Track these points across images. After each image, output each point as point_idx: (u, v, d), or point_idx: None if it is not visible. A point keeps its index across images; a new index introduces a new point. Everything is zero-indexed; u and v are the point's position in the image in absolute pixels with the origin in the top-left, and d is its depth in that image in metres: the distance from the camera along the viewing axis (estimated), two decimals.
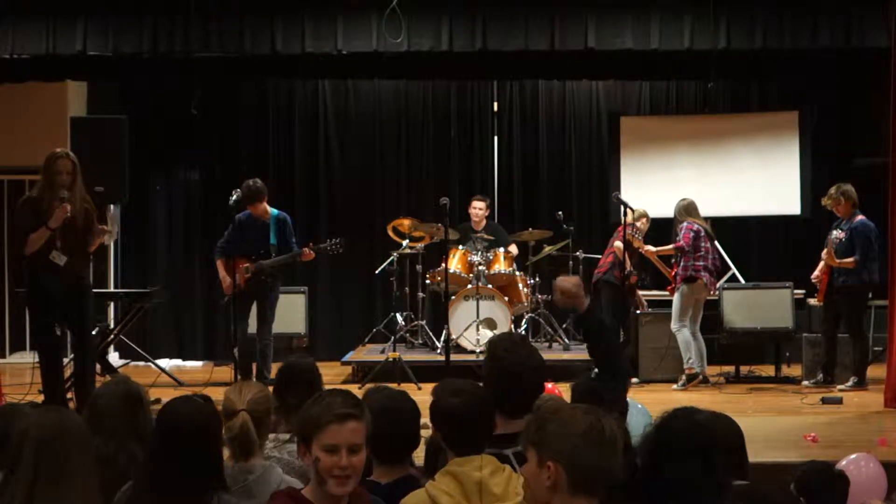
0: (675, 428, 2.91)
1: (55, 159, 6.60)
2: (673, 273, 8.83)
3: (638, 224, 8.90)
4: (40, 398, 6.78)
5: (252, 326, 8.40)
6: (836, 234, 8.56)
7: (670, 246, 8.80)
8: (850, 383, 8.41)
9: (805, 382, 8.68)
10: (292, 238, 8.46)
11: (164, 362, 10.11)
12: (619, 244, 8.62)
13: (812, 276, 8.78)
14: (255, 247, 8.29)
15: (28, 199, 6.71)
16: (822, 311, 8.81)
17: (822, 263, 8.65)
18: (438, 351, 9.20)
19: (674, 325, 8.69)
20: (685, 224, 8.73)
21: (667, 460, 2.83)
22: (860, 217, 8.55)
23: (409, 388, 7.94)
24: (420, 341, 9.85)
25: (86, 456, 2.87)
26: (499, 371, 3.49)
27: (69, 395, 7.02)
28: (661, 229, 9.42)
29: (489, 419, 3.22)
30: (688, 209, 8.84)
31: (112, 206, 7.06)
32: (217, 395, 3.70)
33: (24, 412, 3.16)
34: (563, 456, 2.48)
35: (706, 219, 8.99)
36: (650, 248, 9.00)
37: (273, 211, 8.43)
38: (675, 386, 8.63)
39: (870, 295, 8.87)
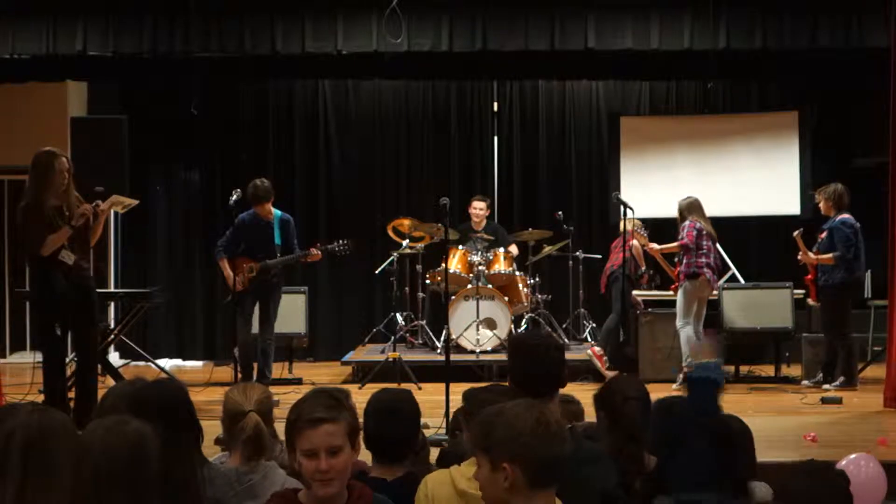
0: (695, 421, 2.94)
1: (55, 157, 6.58)
2: (676, 271, 8.82)
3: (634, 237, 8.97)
4: (41, 398, 6.78)
5: (254, 326, 8.39)
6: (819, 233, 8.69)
7: (674, 244, 8.77)
8: (836, 383, 8.43)
9: (805, 382, 8.70)
10: (294, 239, 8.40)
11: (164, 362, 10.11)
12: (635, 243, 8.68)
13: (806, 279, 8.88)
14: (260, 248, 8.22)
15: (28, 205, 6.69)
16: (817, 312, 8.87)
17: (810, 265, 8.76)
18: (438, 351, 9.21)
19: (678, 323, 8.66)
20: (688, 222, 8.71)
21: (684, 450, 2.86)
22: (842, 216, 8.57)
23: (410, 388, 7.94)
24: (420, 341, 9.85)
25: (74, 453, 2.85)
26: (519, 349, 3.59)
27: (69, 395, 7.03)
28: (661, 229, 9.42)
29: None
30: (691, 207, 8.81)
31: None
32: (217, 395, 3.70)
33: (18, 411, 3.14)
34: (517, 455, 2.51)
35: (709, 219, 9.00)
36: (654, 245, 9.00)
37: (276, 212, 8.38)
38: (674, 385, 8.62)
39: (860, 293, 8.97)
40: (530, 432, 2.52)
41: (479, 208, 10.09)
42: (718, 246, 10.36)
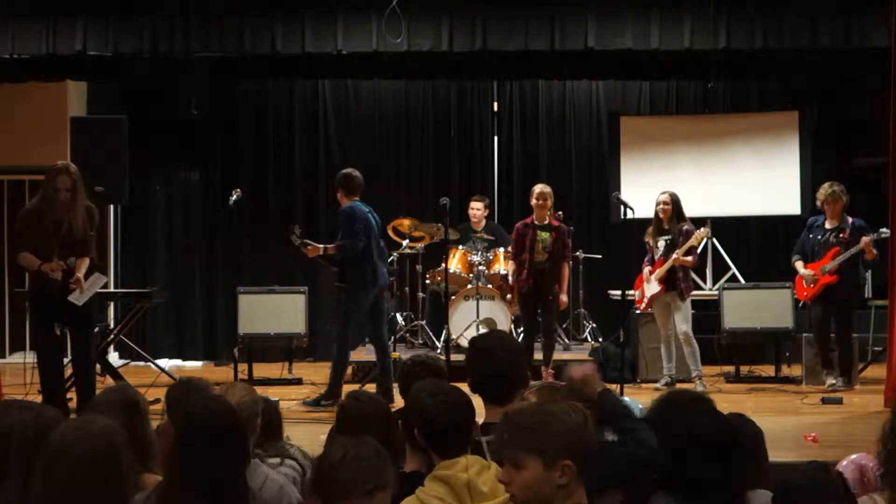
0: (700, 421, 2.94)
1: (55, 175, 6.54)
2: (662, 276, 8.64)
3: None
4: (40, 398, 6.78)
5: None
6: (831, 236, 8.39)
7: (690, 259, 8.61)
8: (841, 383, 8.36)
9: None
10: (342, 230, 7.87)
11: (164, 362, 10.09)
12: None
13: (813, 274, 8.41)
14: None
15: (28, 211, 6.72)
16: (818, 312, 8.54)
17: (816, 265, 8.42)
18: (438, 351, 9.20)
19: (689, 332, 8.59)
20: (688, 228, 8.61)
21: (690, 451, 2.87)
22: (853, 217, 8.45)
23: None
24: (420, 341, 9.85)
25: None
26: (473, 355, 3.58)
27: (69, 396, 7.03)
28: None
29: (468, 420, 3.20)
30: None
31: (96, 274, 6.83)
32: None
33: (15, 407, 3.13)
34: (574, 451, 2.58)
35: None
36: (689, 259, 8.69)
37: (345, 205, 7.93)
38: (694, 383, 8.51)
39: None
40: (581, 427, 2.62)
41: (476, 208, 10.09)
42: (718, 244, 10.39)
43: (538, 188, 8.70)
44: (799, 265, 8.58)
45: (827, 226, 8.49)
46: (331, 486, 2.74)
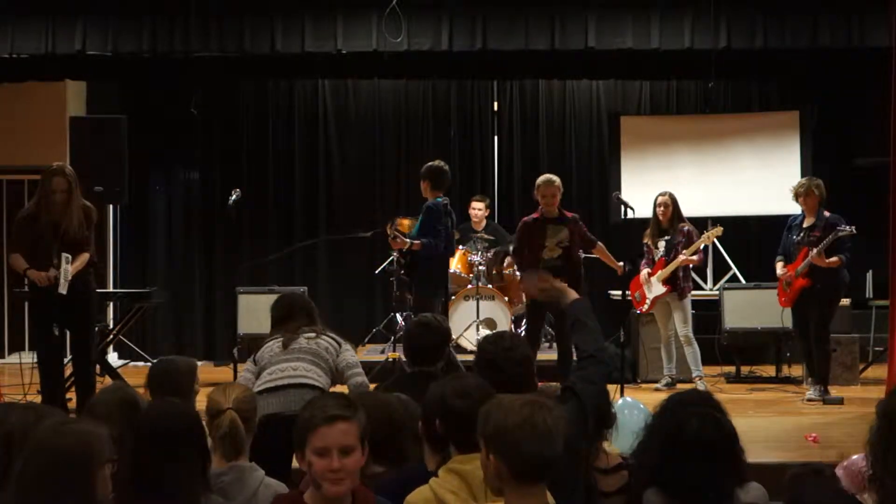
0: (692, 422, 2.95)
1: (50, 176, 6.54)
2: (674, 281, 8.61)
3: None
4: (40, 398, 6.77)
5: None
6: (805, 235, 8.08)
7: (696, 258, 8.59)
8: (819, 392, 7.99)
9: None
10: (424, 228, 7.64)
11: None
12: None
13: (785, 276, 8.16)
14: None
15: (24, 214, 6.72)
16: (797, 318, 8.24)
17: (792, 267, 8.11)
18: None
19: (690, 333, 8.56)
20: (689, 229, 8.57)
21: (683, 451, 2.88)
22: (827, 213, 8.09)
23: None
24: None
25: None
26: (481, 362, 3.61)
27: (69, 396, 7.02)
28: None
29: None
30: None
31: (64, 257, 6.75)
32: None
33: (17, 409, 3.13)
34: (502, 449, 2.62)
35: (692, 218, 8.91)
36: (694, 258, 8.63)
37: (430, 201, 7.71)
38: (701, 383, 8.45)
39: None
40: (515, 429, 2.61)
41: (477, 208, 10.08)
42: (719, 244, 10.36)
43: (542, 181, 8.05)
44: (778, 266, 8.32)
45: (804, 224, 8.19)
46: (298, 431, 2.81)
